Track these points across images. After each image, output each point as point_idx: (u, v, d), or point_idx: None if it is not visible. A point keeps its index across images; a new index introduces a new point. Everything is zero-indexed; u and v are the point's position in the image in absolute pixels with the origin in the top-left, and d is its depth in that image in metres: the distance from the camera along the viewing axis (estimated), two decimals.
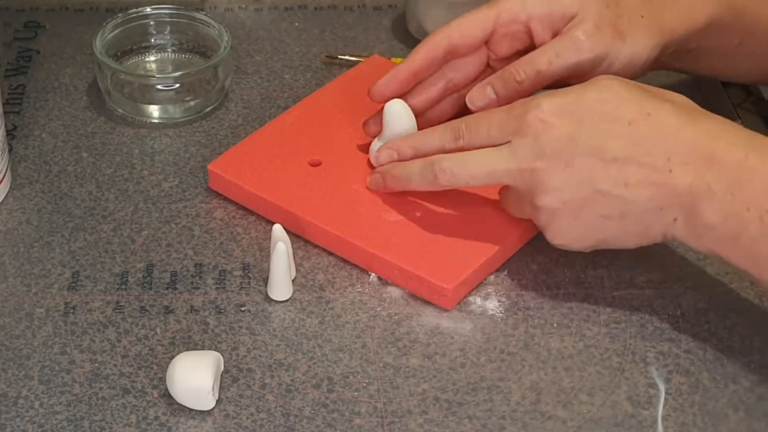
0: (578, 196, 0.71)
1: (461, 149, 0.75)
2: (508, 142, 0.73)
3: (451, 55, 0.83)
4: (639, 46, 0.80)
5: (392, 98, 0.83)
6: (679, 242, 0.72)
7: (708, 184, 0.69)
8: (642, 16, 0.80)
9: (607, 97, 0.72)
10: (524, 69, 0.80)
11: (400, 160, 0.79)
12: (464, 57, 0.84)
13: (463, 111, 0.84)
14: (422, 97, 0.85)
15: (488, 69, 0.85)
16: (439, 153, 0.76)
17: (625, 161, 0.70)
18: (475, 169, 0.74)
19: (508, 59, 0.83)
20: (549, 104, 0.72)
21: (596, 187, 0.71)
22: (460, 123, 0.76)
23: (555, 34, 0.81)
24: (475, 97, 0.81)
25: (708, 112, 0.72)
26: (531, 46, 0.82)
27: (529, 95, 0.79)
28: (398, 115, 0.81)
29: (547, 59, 0.79)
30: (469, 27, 0.82)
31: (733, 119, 0.92)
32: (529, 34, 0.82)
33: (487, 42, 0.83)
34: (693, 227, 0.70)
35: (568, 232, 0.73)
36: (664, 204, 0.70)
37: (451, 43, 0.82)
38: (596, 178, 0.71)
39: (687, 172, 0.69)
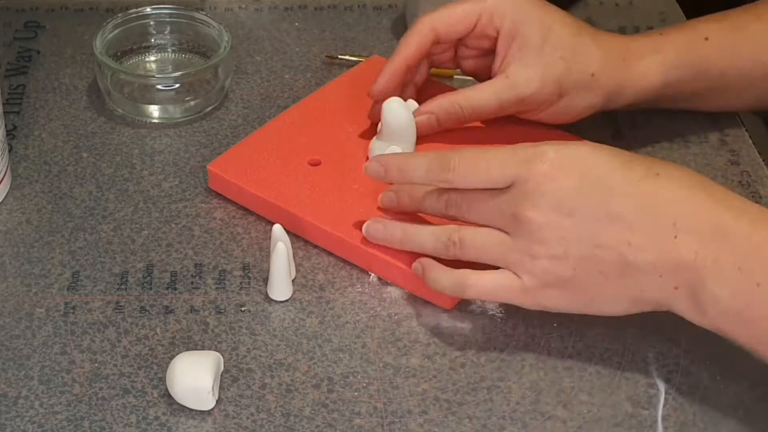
0: (579, 249, 0.69)
1: (449, 183, 0.72)
2: (508, 187, 0.71)
3: (435, 46, 0.86)
4: (573, 105, 0.84)
5: (392, 93, 0.85)
6: (678, 315, 0.69)
7: (715, 257, 0.66)
8: (592, 75, 0.83)
9: (616, 154, 0.70)
10: (461, 104, 0.84)
11: (387, 182, 0.77)
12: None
13: None
14: (413, 88, 0.88)
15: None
16: (425, 181, 0.74)
17: (631, 219, 0.68)
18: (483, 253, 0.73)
19: (475, 57, 0.88)
20: (554, 154, 0.70)
21: (597, 242, 0.68)
22: (454, 154, 0.72)
23: (511, 53, 0.84)
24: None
25: (715, 183, 0.70)
26: (492, 50, 0.86)
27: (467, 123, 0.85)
28: (396, 113, 0.81)
29: (485, 97, 0.84)
30: (455, 23, 0.85)
31: (734, 121, 0.93)
32: (496, 41, 0.85)
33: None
34: (696, 301, 0.67)
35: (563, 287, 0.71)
36: (664, 272, 0.68)
37: (438, 35, 0.85)
38: (598, 232, 0.68)
39: (692, 241, 0.67)
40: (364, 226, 0.78)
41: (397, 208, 0.78)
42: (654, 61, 0.84)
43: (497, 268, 0.72)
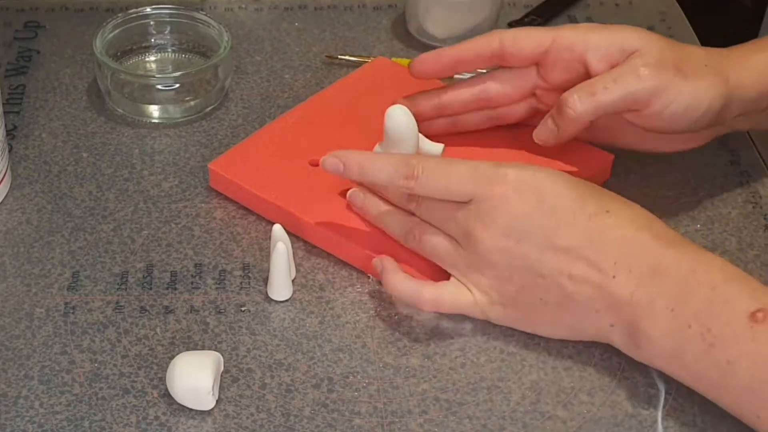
0: (522, 275, 0.70)
1: (410, 190, 0.73)
2: (466, 202, 0.72)
3: (497, 59, 0.81)
4: (701, 89, 0.77)
5: (431, 76, 0.83)
6: (619, 350, 0.71)
7: (650, 298, 0.67)
8: (706, 65, 0.78)
9: (572, 186, 0.71)
10: (578, 93, 0.77)
11: (347, 179, 0.78)
12: (509, 70, 0.82)
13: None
14: (453, 94, 0.83)
15: (532, 97, 0.83)
16: (386, 184, 0.74)
17: (575, 253, 0.69)
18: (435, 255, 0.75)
19: (559, 89, 0.81)
20: (514, 177, 0.71)
21: (540, 271, 0.70)
22: (417, 163, 0.73)
23: (612, 68, 0.78)
24: (541, 132, 0.80)
25: (664, 224, 0.71)
26: (585, 78, 0.79)
27: (583, 127, 0.78)
28: (397, 120, 0.80)
29: (603, 84, 0.77)
30: (523, 39, 0.80)
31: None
32: (585, 65, 0.79)
33: (538, 66, 0.81)
34: (631, 338, 0.68)
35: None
36: (600, 308, 0.69)
37: (502, 46, 0.80)
38: (542, 261, 0.70)
39: (630, 281, 0.68)
40: (349, 192, 0.79)
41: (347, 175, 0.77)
42: (760, 59, 0.80)
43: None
